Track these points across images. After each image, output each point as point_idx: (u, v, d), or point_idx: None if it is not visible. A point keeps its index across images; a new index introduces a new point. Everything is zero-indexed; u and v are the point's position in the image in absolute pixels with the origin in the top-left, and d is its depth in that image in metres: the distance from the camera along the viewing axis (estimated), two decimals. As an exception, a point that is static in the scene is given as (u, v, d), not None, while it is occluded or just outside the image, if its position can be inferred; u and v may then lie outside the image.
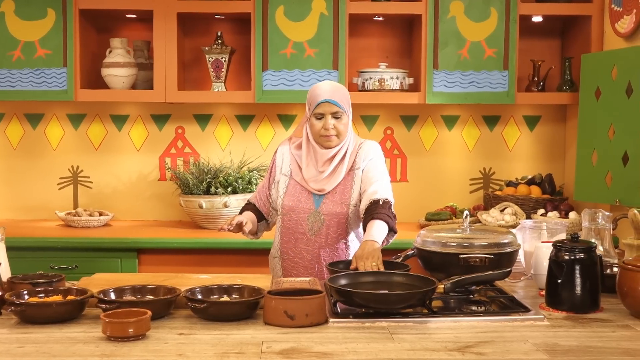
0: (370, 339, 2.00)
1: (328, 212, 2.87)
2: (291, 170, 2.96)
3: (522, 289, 2.61)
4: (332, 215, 2.87)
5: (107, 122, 4.37)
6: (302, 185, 2.92)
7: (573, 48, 4.21)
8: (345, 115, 2.89)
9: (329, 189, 2.89)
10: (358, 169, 2.90)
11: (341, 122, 2.87)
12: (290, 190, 2.93)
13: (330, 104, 2.85)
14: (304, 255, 2.90)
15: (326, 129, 2.85)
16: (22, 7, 3.97)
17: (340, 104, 2.86)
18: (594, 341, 2.02)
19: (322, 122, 2.86)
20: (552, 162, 4.41)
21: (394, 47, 4.36)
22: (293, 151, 2.98)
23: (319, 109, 2.85)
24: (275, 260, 3.00)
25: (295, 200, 2.92)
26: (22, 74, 3.99)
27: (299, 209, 2.90)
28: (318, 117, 2.86)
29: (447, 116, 4.39)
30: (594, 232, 2.64)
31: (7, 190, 4.40)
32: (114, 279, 2.48)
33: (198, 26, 4.31)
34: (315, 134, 2.89)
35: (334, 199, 2.89)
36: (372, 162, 2.92)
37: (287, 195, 2.93)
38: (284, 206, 2.93)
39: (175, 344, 1.95)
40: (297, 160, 2.96)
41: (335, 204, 2.88)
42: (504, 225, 3.86)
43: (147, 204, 4.38)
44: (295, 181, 2.94)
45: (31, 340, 1.97)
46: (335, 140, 2.88)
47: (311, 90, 2.93)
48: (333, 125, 2.85)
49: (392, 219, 2.79)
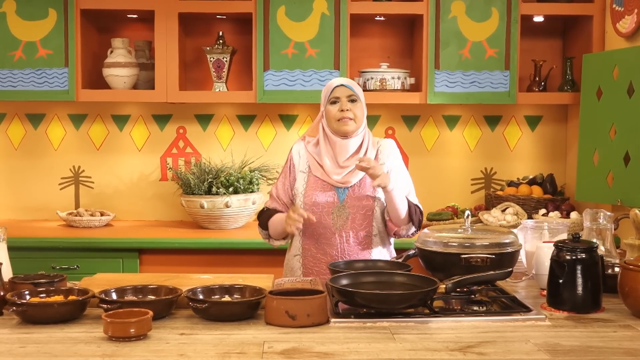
0: (371, 339, 2.00)
1: (353, 205, 2.83)
2: (309, 166, 2.92)
3: (523, 289, 2.61)
4: (357, 208, 2.83)
5: (109, 122, 4.37)
6: (323, 179, 2.87)
7: (574, 48, 4.21)
8: (360, 102, 2.88)
9: (355, 182, 2.85)
10: (382, 165, 2.88)
11: (357, 106, 2.86)
12: (311, 185, 2.88)
13: (345, 88, 2.86)
14: (327, 251, 2.85)
15: (342, 110, 2.83)
16: (24, 7, 3.97)
17: (354, 90, 2.87)
18: (595, 341, 2.01)
19: (337, 106, 2.85)
20: (554, 162, 4.41)
21: (395, 47, 4.36)
22: (310, 149, 2.94)
23: (335, 93, 2.85)
24: (295, 259, 2.92)
25: (317, 195, 2.86)
26: (23, 74, 3.99)
27: (323, 203, 2.85)
28: (333, 101, 2.86)
29: (449, 116, 4.39)
30: (595, 232, 2.64)
31: (9, 191, 4.40)
32: (116, 279, 2.49)
33: (199, 26, 4.31)
34: (331, 119, 2.86)
35: (359, 191, 2.85)
36: (397, 167, 2.90)
37: (308, 191, 2.88)
38: (305, 202, 2.87)
39: (177, 344, 1.95)
40: (314, 157, 2.91)
41: (361, 196, 2.84)
42: (506, 225, 3.86)
43: (149, 204, 4.39)
44: (316, 177, 2.89)
45: (33, 341, 1.98)
46: (352, 125, 2.84)
47: (325, 86, 2.94)
48: (349, 107, 2.84)
49: (417, 218, 2.87)
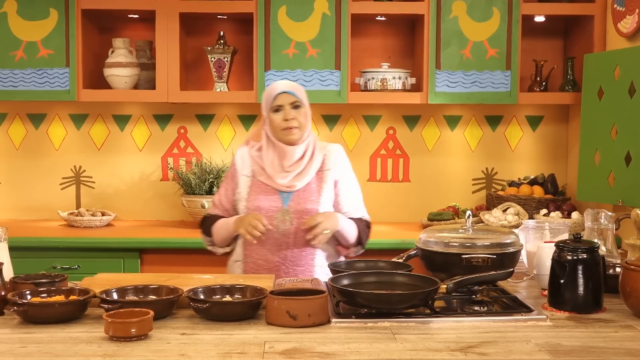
0: (372, 339, 2.00)
1: (297, 209, 2.78)
2: (253, 171, 2.86)
3: (524, 289, 2.61)
4: (301, 213, 2.78)
5: (110, 122, 4.37)
6: (267, 184, 2.82)
7: (575, 48, 4.21)
8: (304, 107, 2.83)
9: (300, 186, 2.81)
10: (328, 170, 2.85)
11: (301, 113, 2.81)
12: (255, 190, 2.83)
13: (288, 95, 2.79)
14: (269, 258, 2.80)
15: (287, 119, 2.77)
16: (25, 7, 3.98)
17: (298, 95, 2.81)
18: (596, 341, 2.01)
19: (281, 114, 2.79)
20: (555, 162, 4.40)
21: (397, 47, 4.36)
22: (253, 153, 2.88)
23: (277, 101, 2.79)
24: (236, 265, 2.88)
25: (261, 200, 2.81)
26: (24, 74, 3.99)
27: (266, 207, 2.79)
28: (277, 109, 2.79)
29: (450, 116, 4.39)
30: (596, 232, 2.63)
31: (10, 191, 4.40)
32: (117, 279, 2.48)
33: (200, 26, 4.31)
34: (276, 128, 2.80)
35: (304, 196, 2.80)
36: (346, 177, 2.89)
37: (252, 195, 2.83)
38: (248, 207, 2.82)
39: (178, 344, 1.95)
40: (258, 162, 2.86)
41: (305, 200, 2.80)
42: (507, 225, 3.86)
43: (150, 204, 4.39)
44: (260, 181, 2.84)
45: (34, 340, 1.97)
46: (297, 132, 2.80)
47: (266, 90, 2.87)
48: (293, 115, 2.79)
49: (366, 237, 2.89)
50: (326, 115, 4.37)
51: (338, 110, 4.35)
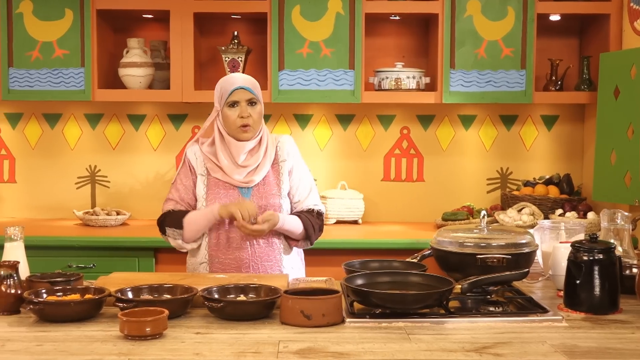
0: (387, 339, 2.00)
1: (260, 204, 2.76)
2: (207, 168, 2.82)
3: (540, 290, 2.59)
4: (265, 207, 2.76)
5: (125, 121, 4.39)
6: (224, 181, 2.79)
7: (591, 47, 4.18)
8: (259, 104, 2.81)
9: (258, 180, 2.79)
10: (283, 162, 2.84)
11: (256, 110, 2.78)
12: (212, 189, 2.79)
13: (245, 91, 2.76)
14: (237, 255, 2.77)
15: (243, 117, 2.74)
16: (40, 7, 4.00)
17: (254, 92, 2.79)
18: (613, 343, 2.00)
19: (237, 111, 2.75)
20: (570, 161, 4.38)
21: (411, 47, 4.35)
22: (205, 149, 2.84)
23: (233, 97, 2.76)
24: (201, 267, 2.83)
25: (221, 197, 2.78)
26: (40, 74, 4.02)
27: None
28: (232, 104, 2.76)
29: (464, 116, 4.37)
30: (612, 233, 2.62)
31: (26, 190, 4.43)
32: (132, 278, 2.49)
33: (214, 26, 4.32)
34: (230, 125, 2.77)
35: (265, 190, 2.79)
36: (298, 166, 2.88)
37: (210, 195, 2.79)
38: (208, 206, 2.77)
39: (192, 343, 1.95)
40: (211, 158, 2.82)
41: (267, 194, 2.79)
42: (522, 225, 3.84)
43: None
44: (216, 179, 2.80)
45: (49, 339, 1.99)
46: (251, 130, 2.78)
47: (221, 82, 2.83)
48: (249, 113, 2.76)
49: (315, 231, 2.83)
50: (340, 115, 4.36)
51: (352, 109, 4.35)
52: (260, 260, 2.79)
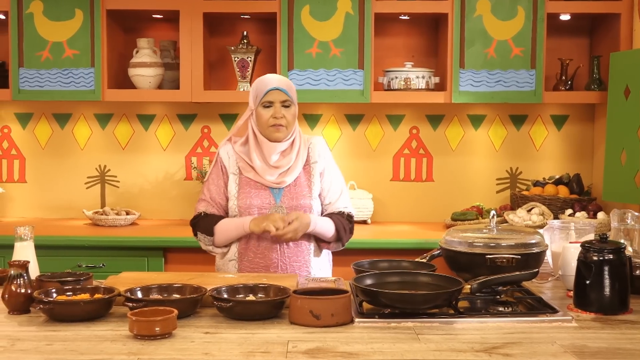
0: (396, 339, 1.99)
1: (291, 205, 2.78)
2: (239, 167, 2.83)
3: (549, 290, 2.59)
4: (295, 208, 2.78)
5: (134, 121, 4.40)
6: (256, 180, 2.80)
7: (601, 46, 4.17)
8: (293, 106, 2.82)
9: (290, 182, 2.80)
10: (315, 163, 2.85)
11: (290, 111, 2.80)
12: (244, 188, 2.80)
13: (279, 92, 2.77)
14: (267, 255, 2.78)
15: (276, 117, 2.75)
16: (51, 7, 4.01)
17: (289, 93, 2.80)
18: (623, 343, 1.99)
19: (271, 111, 2.77)
20: (580, 161, 4.36)
21: (420, 46, 4.34)
22: (237, 149, 2.85)
23: (268, 97, 2.77)
24: (230, 264, 2.83)
25: (252, 197, 2.79)
26: (50, 74, 4.03)
27: (259, 205, 2.78)
28: (266, 105, 2.77)
29: (474, 115, 4.36)
30: (623, 233, 2.61)
31: (36, 190, 4.45)
32: (141, 278, 2.50)
33: (224, 26, 4.33)
34: (263, 124, 2.78)
35: (296, 191, 2.80)
36: (330, 168, 2.89)
37: (242, 194, 2.79)
38: (240, 206, 2.79)
39: (201, 343, 1.96)
40: (243, 158, 2.83)
41: (298, 195, 2.80)
42: (531, 225, 3.83)
43: (174, 203, 4.41)
44: (248, 178, 2.81)
45: (59, 338, 1.99)
46: (284, 131, 2.79)
47: (257, 82, 2.84)
48: (282, 114, 2.77)
49: (346, 233, 2.84)
50: (349, 115, 4.36)
51: (361, 109, 4.35)
52: (289, 261, 2.80)
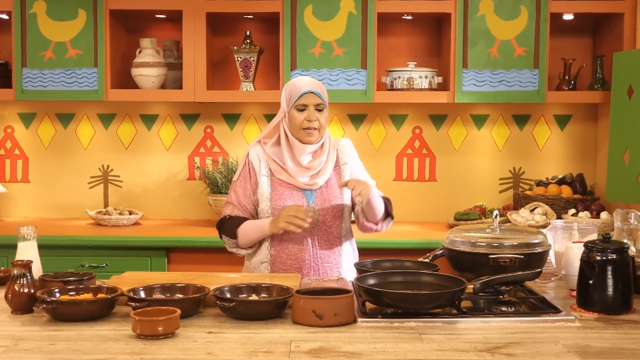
0: (399, 339, 1.99)
1: (323, 206, 2.80)
2: (270, 170, 2.83)
3: (552, 290, 2.58)
4: (328, 210, 2.80)
5: (137, 121, 4.41)
6: (288, 182, 2.80)
7: (605, 46, 4.16)
8: (326, 109, 2.82)
9: (322, 183, 2.81)
10: (345, 164, 2.88)
11: (323, 115, 2.80)
12: (277, 189, 2.80)
13: (314, 95, 2.77)
14: (299, 256, 2.78)
15: (310, 120, 2.76)
16: (54, 7, 4.02)
17: (322, 97, 2.80)
18: (626, 343, 1.99)
19: (304, 114, 2.77)
20: (583, 161, 4.36)
21: (423, 46, 4.34)
22: (268, 150, 2.85)
23: (302, 100, 2.76)
24: (262, 266, 2.83)
25: (285, 199, 2.79)
26: (53, 74, 4.04)
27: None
28: (300, 108, 2.77)
29: (477, 115, 4.36)
30: (626, 233, 2.60)
31: (39, 190, 4.45)
32: (144, 278, 2.50)
33: (227, 26, 4.33)
34: (296, 126, 2.78)
35: (328, 192, 2.81)
36: (358, 166, 2.92)
37: (275, 196, 2.80)
38: (273, 207, 2.78)
39: (204, 343, 1.96)
40: (275, 159, 2.83)
41: (330, 197, 2.81)
42: (534, 225, 3.82)
43: (176, 203, 4.41)
44: (280, 180, 2.81)
45: (62, 338, 1.99)
46: (316, 134, 2.79)
47: (290, 84, 2.83)
48: (316, 117, 2.77)
49: (391, 208, 2.90)
50: (352, 115, 4.36)
51: (364, 109, 4.35)
52: (321, 262, 2.80)
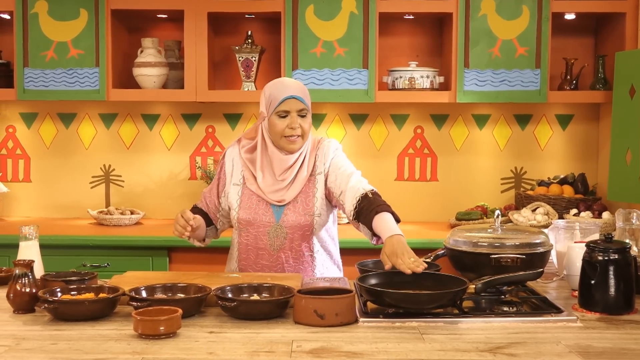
0: (400, 339, 1.99)
1: (291, 224, 2.64)
2: (244, 177, 2.70)
3: (554, 290, 2.58)
4: (295, 228, 2.64)
5: (139, 121, 4.41)
6: (258, 195, 2.66)
7: (607, 46, 4.16)
8: (309, 114, 2.65)
9: (290, 199, 2.64)
10: (320, 174, 2.68)
11: (306, 121, 2.62)
12: (246, 201, 2.68)
13: (297, 101, 2.59)
14: (267, 272, 2.68)
15: (292, 127, 2.58)
16: (55, 7, 4.02)
17: (305, 101, 2.62)
18: (628, 343, 1.99)
19: (286, 121, 2.58)
20: (585, 161, 4.36)
21: (425, 46, 4.34)
22: (244, 155, 2.71)
23: (284, 106, 2.58)
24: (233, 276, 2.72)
25: (252, 213, 2.66)
26: (55, 73, 4.04)
27: (258, 222, 2.66)
28: (282, 115, 2.59)
29: (478, 115, 4.36)
30: (628, 233, 2.60)
31: (41, 189, 4.45)
32: (145, 277, 2.50)
33: (228, 26, 4.33)
34: (277, 134, 2.61)
35: (295, 209, 2.65)
36: (335, 161, 2.68)
37: (243, 208, 2.67)
38: (240, 220, 2.68)
39: (206, 342, 1.96)
40: (249, 167, 2.69)
41: (298, 214, 2.64)
42: (536, 225, 3.82)
43: (178, 202, 4.41)
44: (251, 191, 2.68)
45: (64, 337, 2.00)
46: (299, 142, 2.62)
47: (271, 86, 2.65)
48: (299, 124, 2.60)
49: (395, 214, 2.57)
50: (354, 115, 4.36)
51: (365, 109, 4.34)
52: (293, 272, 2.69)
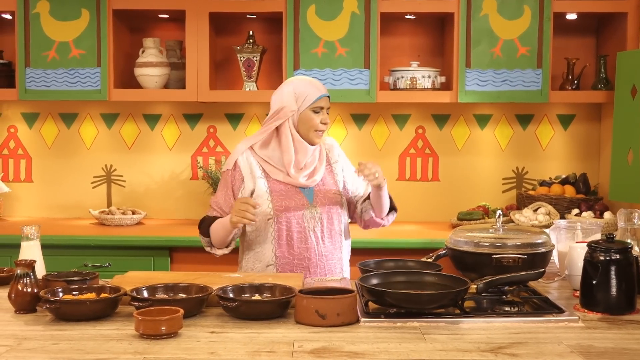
0: (401, 339, 1.99)
1: (324, 203, 2.84)
2: (264, 171, 2.84)
3: (556, 290, 2.58)
4: (329, 207, 2.85)
5: (140, 121, 4.41)
6: (286, 182, 2.82)
7: (608, 46, 4.16)
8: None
9: (319, 179, 2.86)
10: (336, 163, 2.95)
11: (329, 118, 2.90)
12: (276, 190, 2.81)
13: (327, 99, 2.86)
14: (305, 255, 2.79)
15: (325, 123, 2.84)
16: (57, 7, 4.02)
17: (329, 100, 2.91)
18: (629, 343, 1.99)
19: (320, 116, 2.83)
20: (587, 161, 4.35)
21: (426, 46, 4.33)
22: (260, 152, 2.86)
23: (320, 103, 2.82)
24: (268, 270, 2.80)
25: (287, 199, 2.81)
26: (56, 73, 4.04)
27: (294, 206, 2.80)
28: (317, 110, 2.83)
29: (480, 115, 4.36)
30: (629, 233, 2.60)
31: (42, 189, 4.46)
32: (147, 277, 2.50)
33: (230, 26, 4.33)
34: (310, 128, 2.82)
35: (325, 190, 2.87)
36: (348, 165, 3.00)
37: (275, 197, 2.80)
38: (276, 208, 2.78)
39: (207, 342, 1.96)
40: (267, 161, 2.84)
41: (327, 194, 2.86)
42: (538, 225, 3.82)
43: (180, 202, 4.41)
44: (277, 181, 2.82)
45: (65, 337, 2.00)
46: (323, 136, 2.92)
47: (304, 85, 2.85)
48: (328, 120, 2.88)
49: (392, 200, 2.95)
50: (355, 114, 4.36)
51: (367, 109, 4.34)
52: (326, 260, 2.82)
